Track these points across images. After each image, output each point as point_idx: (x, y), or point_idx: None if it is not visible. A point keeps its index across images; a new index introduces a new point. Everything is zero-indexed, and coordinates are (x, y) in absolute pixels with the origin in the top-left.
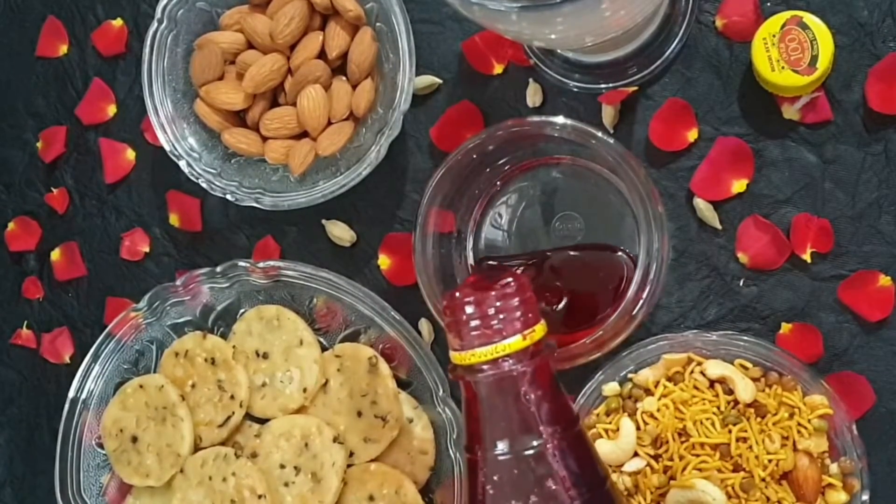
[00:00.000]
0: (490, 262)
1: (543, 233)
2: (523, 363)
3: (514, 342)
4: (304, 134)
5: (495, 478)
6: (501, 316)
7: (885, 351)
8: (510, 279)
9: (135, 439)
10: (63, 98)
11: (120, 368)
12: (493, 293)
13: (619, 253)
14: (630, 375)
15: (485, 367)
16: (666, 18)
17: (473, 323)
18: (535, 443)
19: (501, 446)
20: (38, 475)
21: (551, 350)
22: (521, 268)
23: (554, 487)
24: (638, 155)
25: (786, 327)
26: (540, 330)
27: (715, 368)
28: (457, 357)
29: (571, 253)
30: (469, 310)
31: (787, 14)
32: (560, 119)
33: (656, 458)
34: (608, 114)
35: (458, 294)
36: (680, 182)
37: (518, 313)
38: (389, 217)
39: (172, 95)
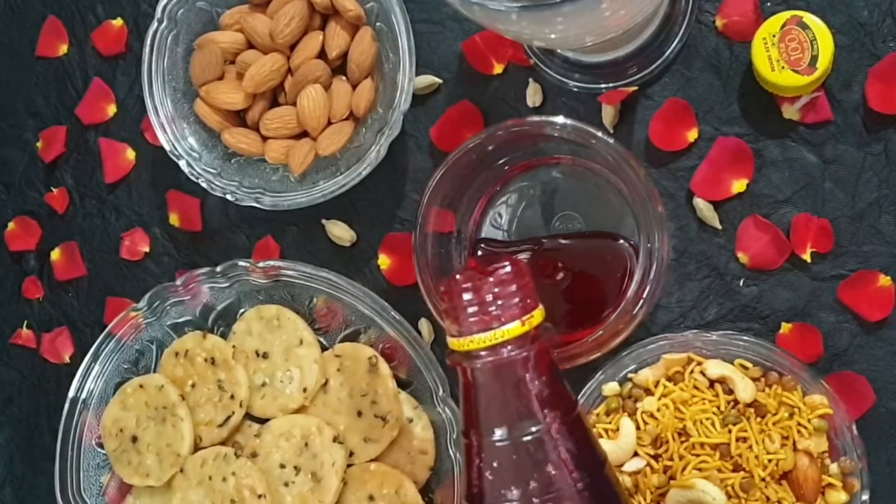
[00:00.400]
0: (483, 246)
1: (543, 232)
2: (522, 349)
3: (513, 328)
4: (304, 134)
5: (494, 464)
6: (500, 302)
7: (885, 351)
8: (508, 264)
9: (135, 439)
10: (63, 98)
11: (120, 368)
12: (491, 279)
13: (622, 241)
14: (630, 375)
15: (483, 353)
16: (666, 18)
17: (471, 309)
18: (534, 428)
19: (500, 433)
20: (38, 475)
21: (550, 334)
22: (524, 253)
23: (554, 472)
24: (638, 155)
25: (786, 327)
26: (538, 315)
27: (715, 368)
28: (454, 343)
29: (574, 241)
30: (467, 296)
31: (787, 14)
32: (560, 119)
33: (656, 458)
34: (608, 114)
35: (458, 277)
36: (680, 182)
37: (516, 299)
38: (389, 217)
39: (172, 95)
